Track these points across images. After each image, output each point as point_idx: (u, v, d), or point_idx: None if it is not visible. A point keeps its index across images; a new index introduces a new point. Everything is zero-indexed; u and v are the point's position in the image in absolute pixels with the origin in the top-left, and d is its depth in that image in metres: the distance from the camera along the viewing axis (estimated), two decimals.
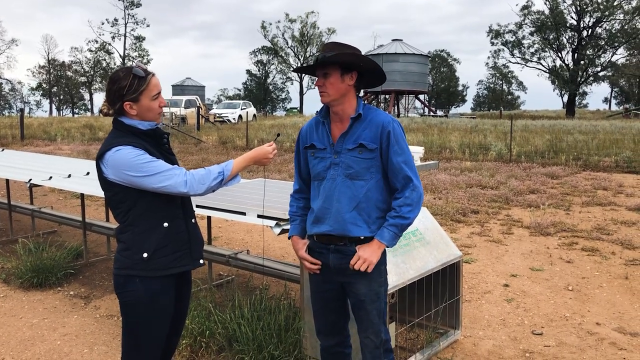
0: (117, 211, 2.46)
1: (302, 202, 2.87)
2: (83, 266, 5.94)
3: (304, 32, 79.73)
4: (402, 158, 2.58)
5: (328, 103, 2.63)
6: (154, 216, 2.44)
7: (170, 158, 2.54)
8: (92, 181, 5.59)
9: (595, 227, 7.71)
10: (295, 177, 2.91)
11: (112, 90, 2.42)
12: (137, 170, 2.34)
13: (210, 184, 2.45)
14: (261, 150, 2.62)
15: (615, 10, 47.41)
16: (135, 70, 2.40)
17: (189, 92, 59.48)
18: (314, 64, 2.63)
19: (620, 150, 15.50)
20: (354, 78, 2.60)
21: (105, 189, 2.46)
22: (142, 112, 2.44)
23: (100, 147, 2.46)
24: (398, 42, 44.82)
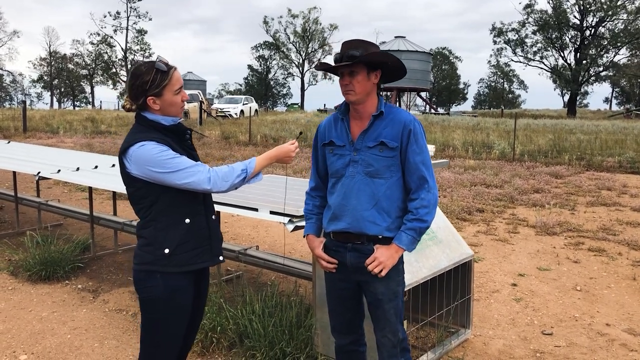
0: (139, 206, 2.45)
1: (318, 200, 2.85)
2: (90, 260, 5.94)
3: (306, 27, 79.55)
4: (420, 158, 2.56)
5: (354, 101, 2.60)
6: (176, 212, 2.43)
7: (192, 154, 2.53)
8: (100, 175, 5.59)
9: (600, 227, 7.71)
10: (312, 174, 2.89)
11: (135, 85, 2.40)
12: (161, 166, 2.33)
13: (234, 181, 2.44)
14: (283, 149, 2.61)
15: (618, 10, 47.36)
16: (158, 64, 2.38)
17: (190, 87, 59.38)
18: (340, 62, 2.60)
19: (624, 151, 15.49)
20: (378, 76, 2.58)
21: (127, 184, 2.45)
22: (165, 107, 2.43)
23: (123, 142, 2.45)
24: (401, 39, 44.75)
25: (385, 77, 2.67)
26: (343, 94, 2.65)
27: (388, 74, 2.65)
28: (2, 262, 5.81)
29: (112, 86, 78.30)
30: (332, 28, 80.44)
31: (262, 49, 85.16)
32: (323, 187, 2.84)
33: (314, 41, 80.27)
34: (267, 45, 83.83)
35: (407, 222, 2.56)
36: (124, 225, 5.80)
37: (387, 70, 2.61)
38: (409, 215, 2.56)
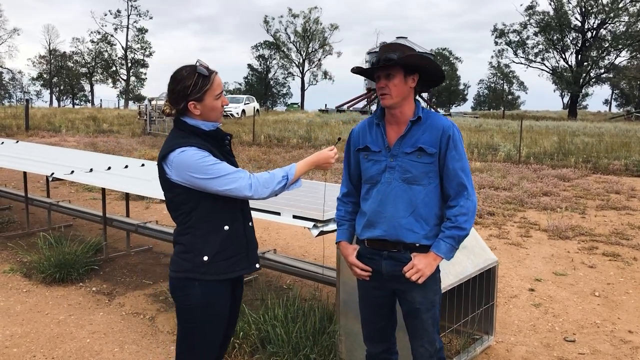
0: (177, 213, 2.41)
1: (350, 207, 2.81)
2: (103, 262, 5.89)
3: (307, 27, 79.47)
4: (459, 164, 2.52)
5: (390, 105, 2.56)
6: (215, 219, 2.39)
7: (231, 160, 2.49)
8: (113, 176, 5.54)
9: (613, 231, 7.68)
10: (344, 180, 2.84)
11: (175, 90, 2.36)
12: (202, 172, 2.29)
13: (274, 187, 2.40)
14: (323, 155, 2.57)
15: (620, 12, 47.38)
16: (200, 69, 2.35)
17: None
18: (377, 65, 2.57)
19: (629, 154, 15.47)
20: (416, 80, 2.54)
21: (166, 190, 2.41)
22: (205, 112, 2.39)
23: (162, 148, 2.41)
24: (402, 40, 44.70)
25: (423, 81, 2.63)
26: (379, 98, 2.61)
27: (426, 78, 2.61)
28: (14, 264, 5.76)
29: (112, 85, 78.20)
30: (332, 28, 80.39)
31: (262, 49, 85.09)
32: (355, 192, 2.79)
33: (315, 41, 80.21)
34: (267, 45, 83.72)
35: (445, 229, 2.51)
36: (138, 227, 5.76)
37: (425, 74, 2.57)
38: (447, 223, 2.52)
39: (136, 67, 77.22)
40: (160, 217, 8.11)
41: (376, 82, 2.60)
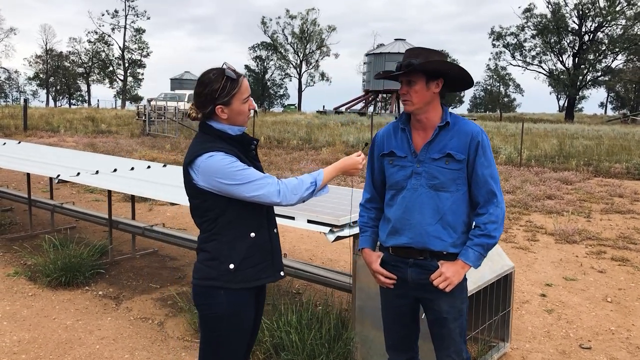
0: (202, 219, 2.34)
1: (373, 213, 2.75)
2: (109, 265, 5.81)
3: (304, 28, 79.42)
4: (488, 171, 2.46)
5: (412, 112, 2.51)
6: (242, 225, 2.33)
7: (257, 165, 2.43)
8: (119, 178, 5.47)
9: (619, 235, 7.64)
10: (367, 185, 2.78)
11: (203, 94, 2.30)
12: (230, 177, 2.23)
13: (303, 194, 2.34)
14: (350, 160, 2.51)
15: (617, 16, 47.51)
16: (228, 72, 2.28)
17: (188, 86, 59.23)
18: (398, 71, 2.51)
19: (630, 157, 15.47)
20: (440, 85, 2.48)
21: (192, 196, 2.34)
22: (232, 116, 2.33)
23: (187, 153, 2.35)
24: (401, 42, 44.74)
25: (450, 86, 2.57)
26: (402, 103, 2.56)
27: (451, 83, 2.55)
28: (18, 267, 5.68)
29: (109, 85, 77.97)
30: (330, 29, 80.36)
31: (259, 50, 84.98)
32: (378, 198, 2.74)
33: (312, 42, 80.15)
34: (264, 46, 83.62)
35: (474, 237, 2.46)
36: (145, 230, 5.68)
37: (450, 78, 2.51)
38: (476, 231, 2.46)
39: (133, 67, 77.03)
40: (164, 219, 8.04)
41: (400, 88, 2.55)
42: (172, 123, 23.60)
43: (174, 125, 23.35)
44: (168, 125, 23.26)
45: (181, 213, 8.53)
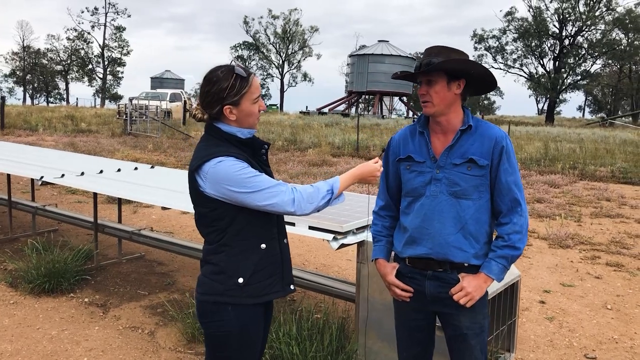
0: (210, 229, 2.16)
1: (388, 221, 2.59)
2: (94, 270, 5.58)
3: (287, 29, 79.17)
4: (512, 178, 2.32)
5: (432, 114, 2.36)
6: (252, 236, 2.15)
7: (267, 170, 2.25)
8: (106, 180, 5.26)
9: (611, 240, 7.60)
10: (381, 192, 2.61)
11: (210, 93, 2.12)
12: (242, 185, 2.05)
13: (319, 203, 2.17)
14: (368, 167, 2.34)
15: (597, 21, 48.14)
16: (237, 69, 2.11)
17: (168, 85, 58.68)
18: (417, 70, 2.36)
19: (614, 161, 15.57)
20: (462, 86, 2.32)
21: (198, 204, 2.16)
22: (241, 118, 2.15)
23: (194, 157, 2.16)
24: (384, 43, 44.76)
25: (473, 87, 2.43)
26: (421, 105, 2.41)
27: (474, 83, 2.41)
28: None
29: (89, 83, 76.88)
30: (312, 30, 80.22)
31: (241, 49, 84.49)
32: (393, 206, 2.58)
33: (294, 43, 79.93)
34: (246, 46, 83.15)
35: (497, 249, 2.31)
36: (132, 234, 5.46)
37: (472, 79, 2.37)
38: (499, 242, 2.32)
39: (113, 65, 76.06)
40: (150, 222, 7.81)
41: (419, 89, 2.41)
42: (154, 122, 23.23)
43: (156, 124, 22.99)
44: (150, 124, 22.89)
45: (167, 216, 8.30)
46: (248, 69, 2.15)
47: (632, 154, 17.46)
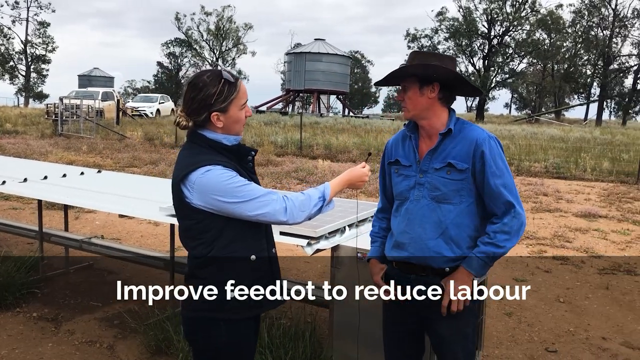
0: (196, 242, 2.06)
1: (385, 223, 2.61)
2: (40, 282, 5.27)
3: (220, 25, 78.03)
4: (500, 180, 2.32)
5: (410, 118, 2.38)
6: (240, 247, 2.07)
7: (254, 178, 2.17)
8: (51, 186, 4.99)
9: (554, 234, 7.91)
10: (380, 195, 2.66)
11: (196, 99, 2.02)
12: (231, 195, 1.96)
13: (311, 211, 2.11)
14: (356, 172, 2.30)
15: (522, 22, 50.18)
16: (225, 74, 2.02)
17: (97, 84, 56.55)
18: (387, 77, 2.37)
19: (547, 157, 16.25)
20: (436, 90, 2.32)
21: (184, 216, 2.05)
22: (229, 124, 2.06)
23: (178, 167, 2.05)
24: (321, 42, 44.91)
25: (456, 91, 2.43)
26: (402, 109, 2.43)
27: (456, 88, 2.41)
28: None
29: (10, 81, 72.98)
30: (247, 27, 79.43)
31: (172, 46, 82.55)
32: (390, 208, 2.58)
33: (228, 40, 78.91)
34: (178, 42, 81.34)
35: (480, 244, 2.32)
36: (82, 242, 5.20)
37: (450, 84, 2.36)
38: (484, 238, 2.33)
39: (37, 62, 72.53)
40: (93, 229, 7.47)
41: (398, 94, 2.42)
42: (86, 123, 22.34)
43: (89, 125, 22.12)
44: (83, 125, 21.99)
45: (111, 221, 7.97)
46: (234, 74, 2.07)
47: (562, 150, 18.29)
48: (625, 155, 16.84)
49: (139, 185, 5.58)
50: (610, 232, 8.26)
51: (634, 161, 15.14)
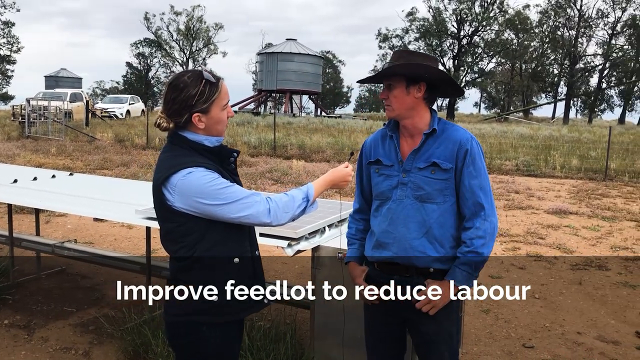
0: (178, 245, 2.02)
1: (362, 224, 2.58)
2: (11, 288, 5.13)
3: (190, 25, 77.31)
4: (477, 182, 2.33)
5: (394, 117, 2.37)
6: (224, 250, 2.04)
7: (236, 180, 2.14)
8: (22, 190, 4.86)
9: (527, 231, 8.04)
10: (357, 195, 2.61)
11: (177, 100, 1.98)
12: (213, 197, 1.93)
13: (295, 212, 2.09)
14: (340, 172, 2.28)
15: (491, 22, 50.92)
16: (206, 74, 1.99)
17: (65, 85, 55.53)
18: (376, 75, 2.37)
19: (517, 155, 16.51)
20: (422, 90, 2.33)
21: (165, 219, 2.01)
22: (210, 125, 2.03)
23: (158, 169, 2.01)
24: (292, 42, 44.85)
25: (440, 91, 2.44)
26: (385, 108, 2.41)
27: (440, 88, 2.42)
28: None
29: None
30: (217, 27, 78.84)
31: (142, 46, 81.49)
32: (367, 209, 2.56)
33: (199, 40, 78.22)
34: (147, 43, 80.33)
35: (460, 255, 2.31)
36: (55, 247, 5.08)
37: (435, 84, 2.37)
38: (462, 248, 2.32)
39: (2, 63, 70.85)
40: (65, 232, 7.32)
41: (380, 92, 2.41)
42: (55, 124, 21.90)
43: (58, 126, 21.69)
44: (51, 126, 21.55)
45: (83, 224, 7.81)
46: (216, 74, 2.03)
47: (531, 148, 18.62)
48: (593, 153, 17.22)
49: (113, 188, 5.48)
50: (581, 228, 8.43)
51: (601, 158, 15.50)
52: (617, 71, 53.89)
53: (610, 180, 13.72)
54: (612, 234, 8.13)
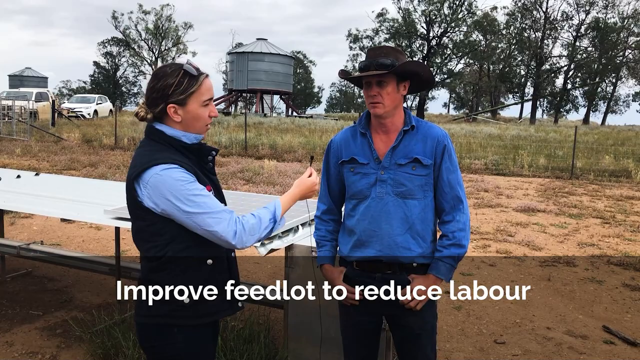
0: (149, 245, 1.96)
1: (331, 225, 2.55)
2: None
3: (159, 24, 76.40)
4: (454, 176, 2.38)
5: (382, 115, 2.34)
6: (197, 251, 1.98)
7: (213, 179, 2.08)
8: None
9: (496, 229, 8.15)
10: (323, 196, 2.56)
11: (154, 89, 1.93)
12: (185, 200, 1.87)
13: (261, 234, 2.01)
14: (307, 183, 2.22)
15: (459, 23, 51.54)
16: (187, 66, 1.94)
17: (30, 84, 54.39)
18: (370, 71, 2.33)
19: (486, 154, 16.74)
20: (407, 87, 2.36)
21: (137, 217, 1.95)
22: (187, 120, 1.98)
23: (133, 163, 1.95)
24: (263, 42, 44.65)
25: (412, 87, 2.45)
26: (368, 106, 2.38)
27: (416, 85, 2.43)
28: None
29: None
30: (186, 26, 78.07)
31: (110, 45, 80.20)
32: (336, 209, 2.55)
33: (168, 39, 77.34)
34: (115, 42, 79.11)
35: (443, 248, 2.34)
36: (20, 249, 4.94)
37: (418, 81, 2.39)
38: (444, 241, 2.35)
39: None
40: (31, 234, 7.14)
41: (365, 89, 2.36)
42: (20, 124, 21.39)
43: (23, 126, 21.18)
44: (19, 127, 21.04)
45: (50, 226, 7.64)
46: (200, 69, 1.99)
47: (500, 147, 18.90)
48: (559, 152, 17.56)
49: (80, 188, 5.36)
50: (549, 225, 8.59)
51: (567, 157, 15.82)
52: (581, 72, 55.08)
53: (576, 178, 14.02)
54: (579, 230, 8.30)
